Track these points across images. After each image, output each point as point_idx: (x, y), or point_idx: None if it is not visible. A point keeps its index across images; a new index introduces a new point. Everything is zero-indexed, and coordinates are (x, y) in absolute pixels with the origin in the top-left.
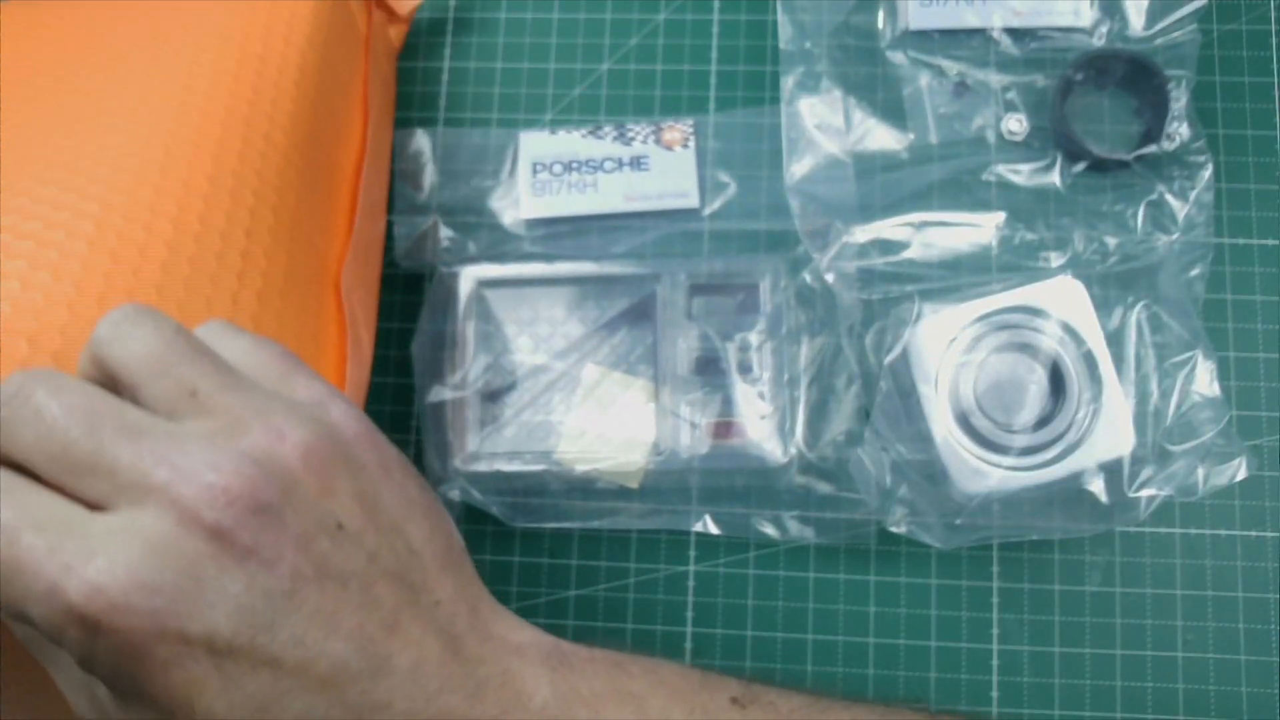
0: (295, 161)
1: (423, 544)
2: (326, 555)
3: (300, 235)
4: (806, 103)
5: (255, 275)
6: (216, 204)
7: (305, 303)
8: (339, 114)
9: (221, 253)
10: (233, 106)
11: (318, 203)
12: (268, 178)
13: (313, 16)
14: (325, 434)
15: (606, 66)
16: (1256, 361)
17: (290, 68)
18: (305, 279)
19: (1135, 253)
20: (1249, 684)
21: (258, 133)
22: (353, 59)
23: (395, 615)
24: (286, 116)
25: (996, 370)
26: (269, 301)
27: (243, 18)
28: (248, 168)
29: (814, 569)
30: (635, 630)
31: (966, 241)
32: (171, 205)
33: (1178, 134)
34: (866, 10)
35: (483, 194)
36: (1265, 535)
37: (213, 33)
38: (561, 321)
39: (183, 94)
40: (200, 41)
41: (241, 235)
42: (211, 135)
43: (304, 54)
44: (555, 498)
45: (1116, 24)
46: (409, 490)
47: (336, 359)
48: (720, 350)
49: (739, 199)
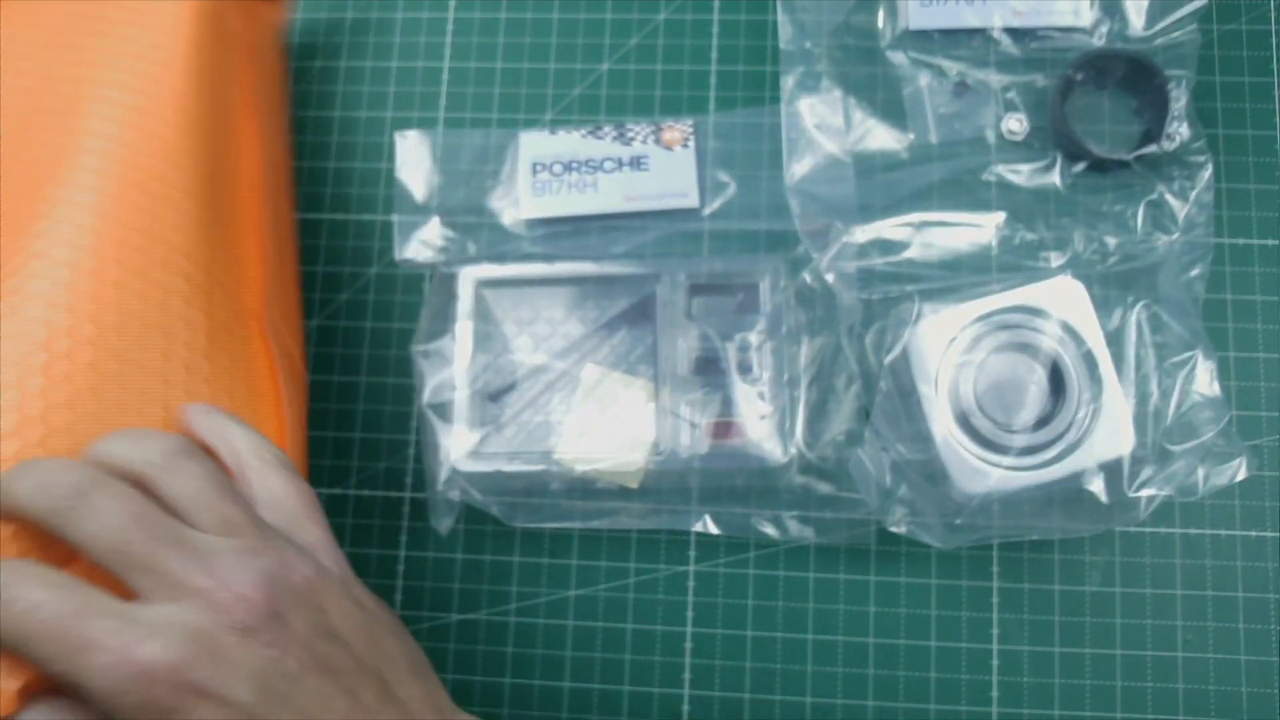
0: (197, 216)
1: (397, 655)
2: (323, 653)
3: (215, 288)
4: (806, 103)
5: (180, 349)
6: (130, 290)
7: (232, 354)
8: (228, 140)
9: (142, 338)
10: (126, 178)
11: (225, 244)
12: (173, 243)
13: (196, 53)
14: (321, 571)
15: (606, 66)
16: (1256, 361)
17: (174, 113)
18: (227, 330)
19: (1135, 253)
20: (1249, 684)
21: (157, 202)
22: (235, 74)
23: (376, 704)
24: (179, 171)
25: (996, 370)
26: (197, 369)
27: (130, 73)
28: (152, 239)
29: (814, 569)
30: (635, 630)
31: (966, 241)
32: (88, 303)
33: (1178, 134)
34: (866, 10)
35: (483, 194)
36: (1265, 535)
37: (100, 99)
38: (561, 321)
39: (87, 186)
40: (91, 110)
41: (159, 313)
42: (115, 225)
43: (185, 97)
44: (555, 498)
45: (1116, 24)
46: (381, 616)
47: (272, 396)
48: (720, 350)
49: (739, 199)
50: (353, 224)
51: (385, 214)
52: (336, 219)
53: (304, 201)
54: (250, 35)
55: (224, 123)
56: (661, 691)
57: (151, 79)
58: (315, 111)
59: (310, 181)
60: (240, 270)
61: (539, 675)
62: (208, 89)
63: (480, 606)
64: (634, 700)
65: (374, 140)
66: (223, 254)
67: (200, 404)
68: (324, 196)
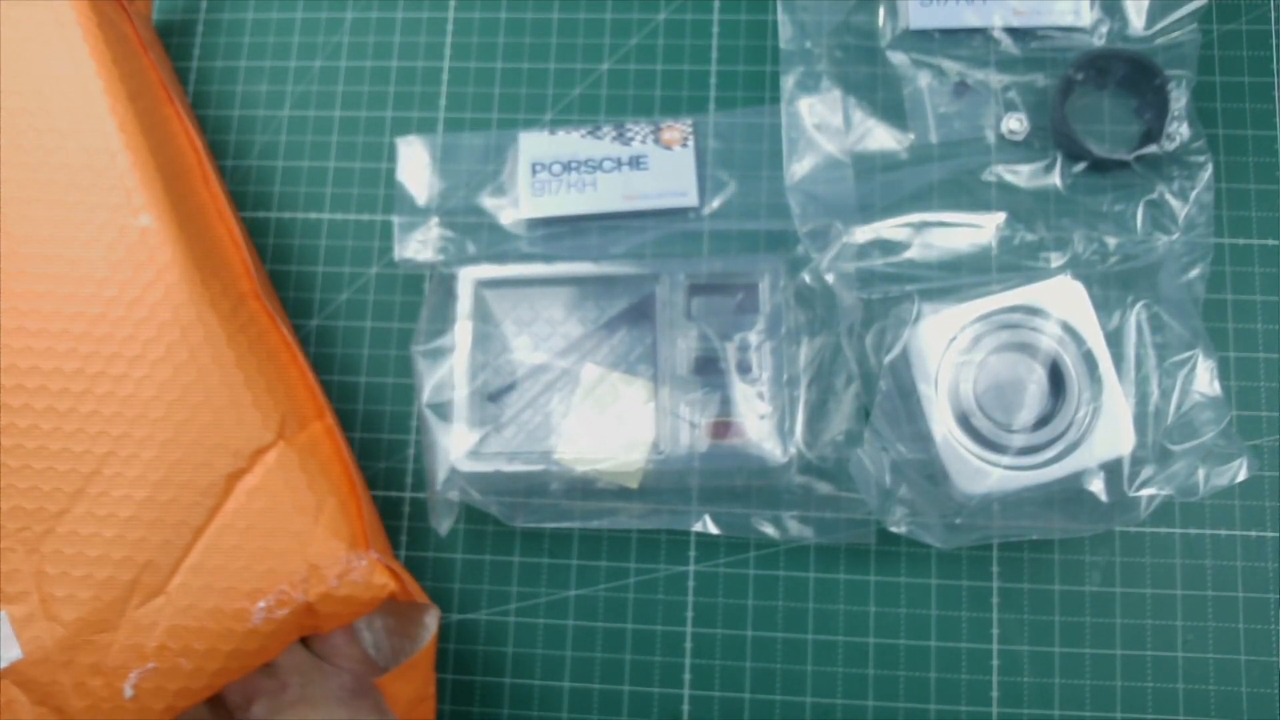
0: (175, 216)
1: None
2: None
3: (211, 280)
4: (806, 103)
5: (192, 355)
6: (151, 320)
7: (248, 335)
8: (167, 138)
9: (175, 345)
10: (109, 222)
11: (202, 234)
12: (164, 251)
13: (108, 71)
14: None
15: (606, 66)
16: (1256, 361)
17: (115, 132)
18: (234, 314)
19: (1135, 253)
20: (1249, 684)
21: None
22: (145, 74)
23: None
24: (142, 186)
25: (996, 370)
26: (224, 358)
27: (64, 98)
28: (158, 257)
29: (814, 569)
30: (635, 630)
31: (966, 242)
32: (132, 346)
33: (1178, 134)
34: (866, 10)
35: (482, 194)
36: (1265, 535)
37: (53, 130)
38: (561, 321)
39: (63, 238)
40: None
41: (180, 329)
42: (118, 267)
43: (116, 112)
44: (555, 498)
45: (1117, 24)
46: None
47: (293, 361)
48: (719, 350)
49: (738, 199)
50: (353, 224)
51: (385, 214)
52: (336, 219)
53: (304, 201)
54: (133, 30)
55: (160, 125)
56: (661, 691)
57: (96, 96)
58: (315, 111)
59: (310, 181)
60: (225, 258)
61: (539, 675)
62: (138, 98)
63: (480, 606)
64: (634, 700)
65: (374, 140)
66: (208, 247)
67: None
68: (324, 196)
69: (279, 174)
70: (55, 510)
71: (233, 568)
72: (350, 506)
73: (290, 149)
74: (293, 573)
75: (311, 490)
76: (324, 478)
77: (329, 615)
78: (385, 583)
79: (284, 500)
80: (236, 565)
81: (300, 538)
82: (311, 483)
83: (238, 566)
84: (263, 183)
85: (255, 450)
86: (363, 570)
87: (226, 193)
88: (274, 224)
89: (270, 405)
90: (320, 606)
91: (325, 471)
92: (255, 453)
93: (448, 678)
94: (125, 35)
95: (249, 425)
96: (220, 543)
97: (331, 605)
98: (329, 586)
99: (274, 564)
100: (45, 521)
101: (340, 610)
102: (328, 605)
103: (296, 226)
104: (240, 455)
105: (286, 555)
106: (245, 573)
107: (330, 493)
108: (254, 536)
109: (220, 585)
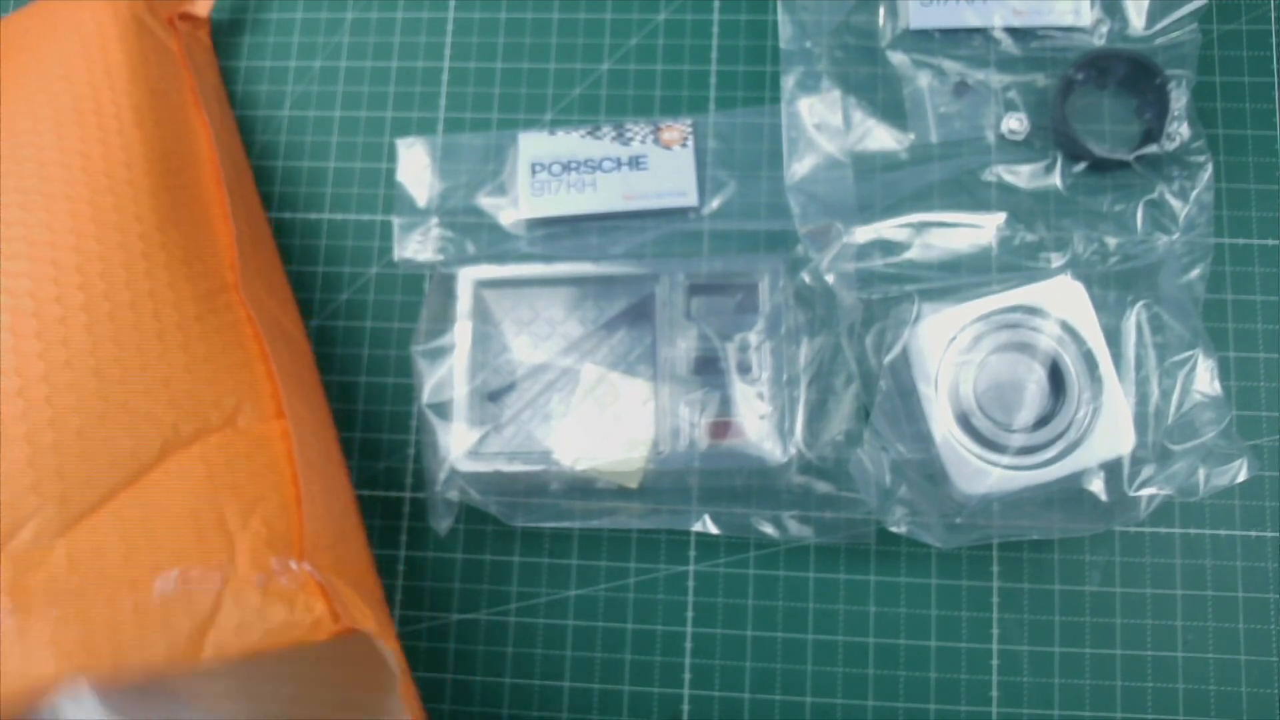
0: (162, 198)
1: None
2: None
3: (193, 262)
4: (806, 102)
5: (170, 311)
6: (114, 261)
7: (219, 319)
8: (183, 136)
9: (133, 302)
10: (89, 168)
11: (197, 226)
12: (148, 224)
13: (127, 59)
14: None
15: (606, 66)
16: (1256, 361)
17: (126, 110)
18: (210, 299)
19: (1135, 253)
20: (1249, 684)
21: (122, 185)
22: (176, 80)
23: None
24: (140, 159)
25: (996, 370)
26: (189, 329)
27: (70, 81)
28: (126, 216)
29: (814, 569)
30: (635, 630)
31: (966, 242)
32: (74, 274)
33: (1178, 134)
34: (867, 10)
35: (482, 194)
36: (1265, 535)
37: (49, 104)
38: (560, 322)
39: (43, 175)
40: (41, 114)
41: (145, 280)
42: (88, 208)
43: (132, 95)
44: (555, 498)
45: (1117, 24)
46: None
47: (260, 358)
48: (719, 350)
49: (738, 199)
50: (353, 224)
51: (385, 214)
52: (336, 219)
53: (304, 201)
54: (180, 49)
55: (178, 123)
56: (661, 691)
57: (107, 91)
58: (315, 111)
59: (310, 181)
60: (214, 249)
61: (539, 675)
62: (159, 94)
63: (480, 606)
64: (634, 700)
65: (374, 140)
66: (196, 234)
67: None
68: (324, 196)
69: (279, 174)
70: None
71: (144, 531)
72: (293, 512)
73: (290, 149)
74: (209, 556)
75: (253, 482)
76: (271, 475)
77: (247, 625)
78: (315, 600)
79: (220, 484)
80: (149, 529)
81: (225, 525)
82: (255, 475)
83: (149, 531)
84: (263, 183)
85: (199, 428)
86: (293, 578)
87: (250, 202)
88: (274, 224)
89: (227, 389)
90: (236, 607)
91: (274, 469)
92: (199, 430)
93: (448, 677)
94: (166, 49)
95: (198, 400)
96: (141, 498)
97: (249, 612)
98: (249, 583)
99: (190, 542)
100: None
101: (261, 623)
102: (245, 610)
103: (296, 226)
104: (181, 428)
105: (206, 536)
106: (157, 540)
107: (274, 490)
108: (176, 508)
109: (126, 546)
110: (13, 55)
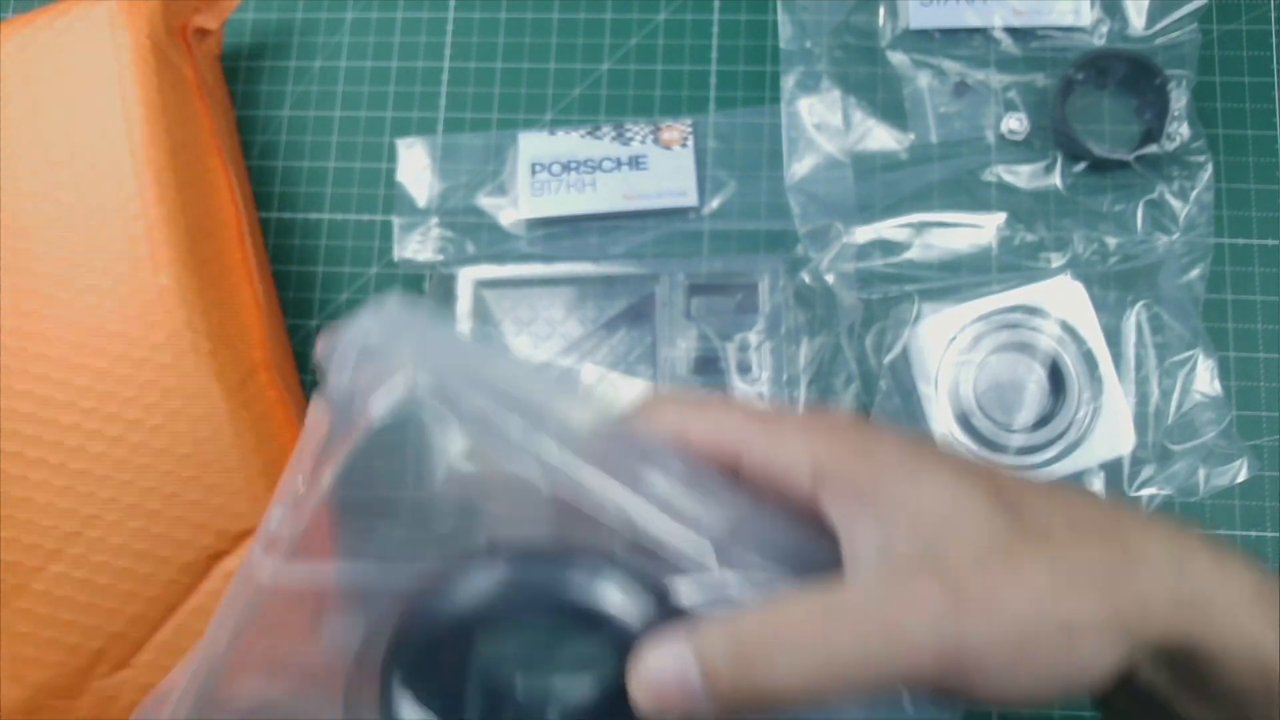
0: (187, 283)
1: None
2: None
3: (221, 349)
4: (806, 103)
5: (201, 414)
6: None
7: (251, 411)
8: (206, 195)
9: (166, 424)
10: (111, 270)
11: (221, 303)
12: (173, 314)
13: (148, 113)
14: None
15: (606, 66)
16: (1256, 361)
17: (149, 186)
18: (240, 387)
19: (1135, 253)
20: None
21: (146, 273)
22: (195, 125)
23: None
24: (163, 245)
25: (996, 370)
26: (222, 436)
27: (89, 149)
28: (158, 315)
29: None
30: None
31: (966, 242)
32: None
33: (1178, 134)
34: (866, 10)
35: (482, 195)
36: (1265, 535)
37: (65, 164)
38: (560, 322)
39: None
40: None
41: (176, 378)
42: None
43: (155, 160)
44: None
45: (1117, 24)
46: None
47: (290, 439)
48: (719, 350)
49: (738, 199)
50: (353, 224)
51: (385, 214)
52: (336, 219)
53: (304, 201)
54: (194, 72)
55: (200, 182)
56: None
57: (115, 134)
58: (315, 111)
59: (310, 181)
60: (240, 324)
61: None
62: (180, 147)
63: None
64: None
65: (374, 140)
66: (223, 316)
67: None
68: (324, 196)
69: (279, 174)
70: (32, 566)
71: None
72: None
73: (290, 149)
74: None
75: None
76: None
77: None
78: None
79: None
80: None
81: None
82: None
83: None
84: (263, 183)
85: (240, 532)
86: None
87: (262, 248)
88: (274, 224)
89: (261, 488)
90: None
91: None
92: (239, 534)
93: None
94: (182, 79)
95: (237, 507)
96: (192, 623)
97: None
98: None
99: None
100: (21, 576)
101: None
102: None
103: (296, 226)
104: (224, 536)
105: None
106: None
107: None
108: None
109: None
110: (16, 88)
